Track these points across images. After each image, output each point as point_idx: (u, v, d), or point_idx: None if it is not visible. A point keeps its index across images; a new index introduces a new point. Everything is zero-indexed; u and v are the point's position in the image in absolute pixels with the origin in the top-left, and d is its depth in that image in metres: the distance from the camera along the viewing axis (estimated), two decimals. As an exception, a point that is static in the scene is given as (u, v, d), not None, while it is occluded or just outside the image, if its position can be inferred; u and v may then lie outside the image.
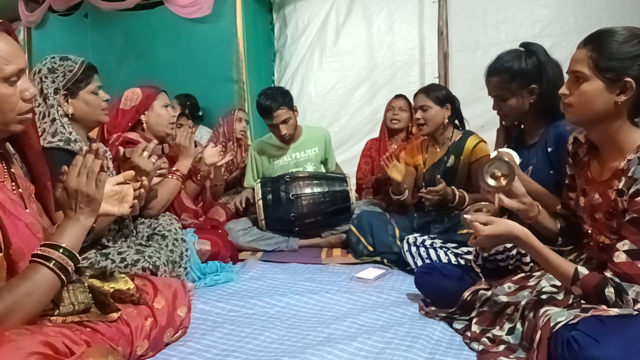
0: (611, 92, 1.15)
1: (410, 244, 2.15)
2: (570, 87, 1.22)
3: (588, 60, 1.16)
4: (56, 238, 1.04)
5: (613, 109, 1.16)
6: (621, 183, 1.14)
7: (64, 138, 1.59)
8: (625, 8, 3.35)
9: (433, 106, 2.36)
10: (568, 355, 1.02)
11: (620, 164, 1.16)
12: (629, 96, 1.13)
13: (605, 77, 1.14)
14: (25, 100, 1.07)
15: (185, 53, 4.05)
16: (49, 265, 1.00)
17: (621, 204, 1.14)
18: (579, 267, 1.16)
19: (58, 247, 1.02)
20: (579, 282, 1.15)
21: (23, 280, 0.98)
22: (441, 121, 2.38)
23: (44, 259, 1.00)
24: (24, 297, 0.96)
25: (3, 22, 1.05)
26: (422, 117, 2.37)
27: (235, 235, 2.57)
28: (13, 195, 1.09)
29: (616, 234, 1.18)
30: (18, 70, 1.04)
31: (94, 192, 1.08)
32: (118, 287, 1.24)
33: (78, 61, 1.68)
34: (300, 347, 1.38)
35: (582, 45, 1.20)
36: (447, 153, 2.39)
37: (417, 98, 2.43)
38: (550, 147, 1.65)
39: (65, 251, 1.02)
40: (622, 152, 1.18)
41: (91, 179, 1.07)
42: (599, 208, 1.22)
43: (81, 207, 1.07)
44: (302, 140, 2.95)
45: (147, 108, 2.22)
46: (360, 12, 4.11)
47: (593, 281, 1.13)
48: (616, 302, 1.10)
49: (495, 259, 1.54)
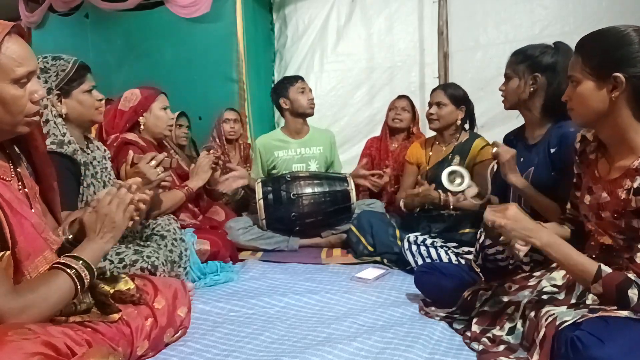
0: (603, 89, 1.17)
1: (410, 242, 2.15)
2: (570, 92, 1.26)
3: (577, 63, 1.21)
4: (78, 252, 1.11)
5: (610, 105, 1.17)
6: (636, 182, 1.13)
7: (56, 140, 1.57)
8: (625, 8, 3.35)
9: (449, 104, 2.37)
10: (572, 354, 1.02)
11: (634, 163, 1.16)
12: (621, 91, 1.14)
13: (593, 75, 1.18)
14: (33, 102, 1.07)
15: (186, 53, 4.05)
16: (69, 272, 1.06)
17: (635, 202, 1.13)
18: (603, 265, 1.13)
19: (79, 259, 1.09)
20: (601, 280, 1.11)
21: (44, 282, 1.03)
22: (453, 121, 2.38)
23: (65, 266, 1.06)
24: (42, 298, 1.00)
25: (16, 25, 1.05)
26: (435, 113, 2.37)
27: (235, 234, 2.58)
28: (19, 195, 1.10)
29: (622, 234, 1.18)
30: (28, 73, 1.04)
31: (120, 221, 1.17)
32: (118, 287, 1.24)
33: (71, 60, 1.67)
34: (300, 347, 1.38)
35: (574, 52, 1.25)
36: (452, 152, 2.40)
37: (434, 93, 2.43)
38: (553, 148, 1.65)
39: (85, 263, 1.09)
40: (634, 151, 1.18)
41: (120, 209, 1.17)
42: (606, 207, 1.21)
43: (105, 232, 1.15)
44: (308, 137, 2.96)
45: (146, 109, 2.21)
46: (360, 13, 4.10)
47: (616, 280, 1.09)
48: (638, 304, 1.07)
49: (495, 258, 1.54)
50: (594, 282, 1.12)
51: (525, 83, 1.71)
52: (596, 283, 1.12)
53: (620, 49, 1.14)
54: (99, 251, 1.14)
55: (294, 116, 2.90)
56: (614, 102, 1.16)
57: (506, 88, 1.78)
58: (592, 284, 1.13)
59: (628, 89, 1.14)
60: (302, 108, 2.85)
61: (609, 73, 1.14)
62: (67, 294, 1.05)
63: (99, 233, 1.15)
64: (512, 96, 1.76)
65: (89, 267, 1.09)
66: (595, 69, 1.17)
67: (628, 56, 1.13)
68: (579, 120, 1.27)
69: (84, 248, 1.13)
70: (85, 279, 1.08)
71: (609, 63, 1.15)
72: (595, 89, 1.18)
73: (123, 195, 1.19)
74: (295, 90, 2.85)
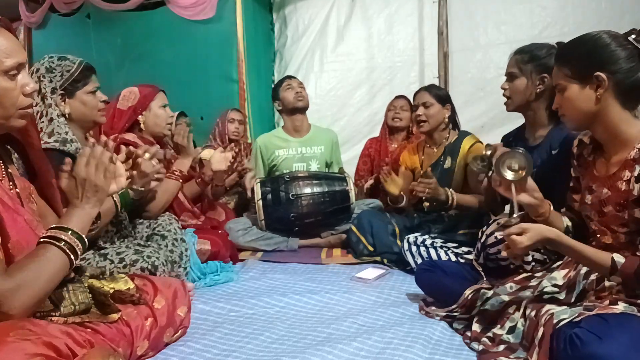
0: (588, 89, 1.24)
1: (410, 243, 2.15)
2: (559, 100, 1.33)
3: (559, 72, 1.30)
4: (63, 222, 1.05)
5: (598, 104, 1.23)
6: (635, 170, 1.18)
7: (60, 139, 1.59)
8: (625, 9, 3.35)
9: (435, 103, 2.36)
10: (571, 352, 1.02)
11: (630, 154, 1.21)
12: (606, 88, 1.21)
13: (576, 79, 1.26)
14: (25, 95, 1.07)
15: (186, 53, 4.05)
16: (59, 245, 1.01)
17: (637, 191, 1.17)
18: (615, 256, 1.16)
19: (67, 229, 1.04)
20: (618, 271, 1.14)
21: (33, 258, 0.99)
22: (442, 120, 2.38)
23: (53, 239, 1.02)
24: (34, 274, 0.96)
25: (2, 19, 1.06)
26: (423, 114, 2.36)
27: (235, 235, 2.57)
28: (10, 194, 1.09)
29: (626, 226, 1.21)
30: (18, 64, 1.04)
31: (102, 183, 1.10)
32: (118, 287, 1.24)
33: (76, 61, 1.68)
34: (300, 347, 1.38)
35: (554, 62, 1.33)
36: (444, 154, 2.39)
37: (418, 95, 2.42)
38: (555, 150, 1.64)
39: (74, 233, 1.04)
40: (628, 144, 1.23)
41: (100, 170, 1.09)
42: (608, 201, 1.24)
43: (88, 197, 1.09)
44: (309, 136, 2.96)
45: (145, 108, 2.19)
46: (360, 13, 4.10)
47: (633, 267, 1.13)
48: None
49: (496, 258, 1.54)
50: (611, 273, 1.16)
51: (532, 83, 1.70)
52: (614, 274, 1.15)
53: (597, 50, 1.23)
54: (86, 217, 1.08)
55: (288, 114, 2.94)
56: (601, 100, 1.22)
57: (511, 87, 1.76)
58: (610, 275, 1.16)
59: (611, 85, 1.21)
60: (290, 103, 2.88)
61: (591, 73, 1.22)
62: (60, 268, 1.01)
63: (82, 198, 1.08)
64: (519, 96, 1.74)
65: (79, 236, 1.05)
66: (577, 72, 1.26)
67: (606, 56, 1.22)
68: (573, 124, 1.33)
69: (70, 216, 1.07)
70: (77, 249, 1.04)
71: (590, 65, 1.23)
72: (581, 90, 1.25)
73: (99, 155, 1.09)
74: (283, 89, 2.91)
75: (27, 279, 0.95)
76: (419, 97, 2.41)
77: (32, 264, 0.97)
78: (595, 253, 1.19)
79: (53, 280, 1.01)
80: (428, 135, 2.45)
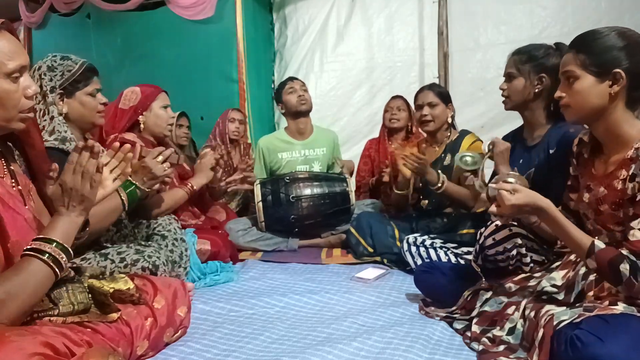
0: (603, 84, 1.21)
1: (410, 243, 2.15)
2: (564, 89, 1.29)
3: (576, 60, 1.24)
4: (48, 233, 1.04)
5: (608, 101, 1.22)
6: (631, 169, 1.18)
7: (60, 137, 1.59)
8: (625, 9, 3.35)
9: (440, 103, 2.36)
10: (572, 353, 1.02)
11: (627, 153, 1.20)
12: (621, 86, 1.19)
13: (594, 71, 1.22)
14: (27, 98, 1.08)
15: (186, 53, 4.05)
16: (42, 258, 1.00)
17: (631, 190, 1.17)
18: (596, 241, 1.17)
19: (51, 241, 1.03)
20: (594, 255, 1.15)
21: (17, 271, 0.98)
22: (445, 119, 2.38)
23: (37, 252, 1.01)
24: (18, 288, 0.96)
25: (4, 22, 1.06)
26: (429, 114, 2.34)
27: (235, 235, 2.58)
28: (13, 191, 1.10)
29: (621, 225, 1.20)
30: (20, 67, 1.05)
31: (88, 192, 1.09)
32: (118, 287, 1.23)
33: (79, 62, 1.68)
34: (300, 347, 1.38)
35: (568, 49, 1.29)
36: (445, 151, 2.39)
37: (422, 94, 2.39)
38: (552, 149, 1.65)
39: (58, 245, 1.03)
40: (627, 144, 1.22)
41: (86, 179, 1.08)
42: (604, 200, 1.24)
43: (74, 205, 1.08)
44: (312, 138, 2.96)
45: (146, 108, 2.19)
46: (360, 13, 4.11)
47: (609, 255, 1.13)
48: (630, 279, 1.10)
49: (495, 259, 1.54)
50: (587, 256, 1.16)
51: (530, 83, 1.71)
52: (590, 258, 1.16)
53: (621, 46, 1.20)
54: (71, 226, 1.07)
55: (291, 117, 2.93)
56: (613, 97, 1.21)
57: (509, 87, 1.76)
58: (586, 258, 1.17)
59: (627, 86, 1.19)
60: (293, 107, 2.87)
61: (611, 69, 1.19)
62: (44, 281, 1.00)
63: (68, 207, 1.07)
64: (517, 96, 1.74)
65: (64, 248, 1.03)
66: (595, 64, 1.21)
67: (628, 53, 1.19)
68: (575, 116, 1.30)
69: (55, 226, 1.06)
70: (62, 261, 1.03)
71: (614, 60, 1.19)
72: (595, 84, 1.22)
73: (85, 163, 1.07)
74: (285, 92, 2.89)
75: (11, 292, 0.95)
76: (423, 97, 2.39)
77: (16, 278, 0.97)
78: (579, 233, 1.20)
79: (37, 293, 1.01)
80: (431, 134, 2.45)
